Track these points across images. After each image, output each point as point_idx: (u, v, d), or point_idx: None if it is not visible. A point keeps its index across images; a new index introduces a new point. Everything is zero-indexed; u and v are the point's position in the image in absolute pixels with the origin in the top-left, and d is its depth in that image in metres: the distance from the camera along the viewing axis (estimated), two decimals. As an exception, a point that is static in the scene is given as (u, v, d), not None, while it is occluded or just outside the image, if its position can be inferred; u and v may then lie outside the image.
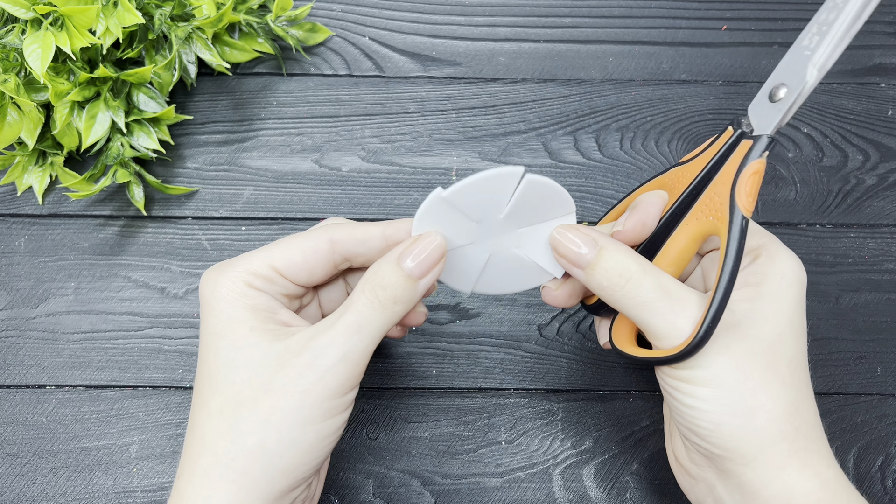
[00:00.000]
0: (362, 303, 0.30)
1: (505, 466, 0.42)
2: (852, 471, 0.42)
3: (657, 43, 0.52)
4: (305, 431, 0.28)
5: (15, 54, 0.42)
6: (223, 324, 0.30)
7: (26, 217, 0.47)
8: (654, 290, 0.30)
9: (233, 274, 0.31)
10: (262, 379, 0.29)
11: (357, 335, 0.29)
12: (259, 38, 0.49)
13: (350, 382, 0.29)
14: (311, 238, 0.32)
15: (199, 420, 0.30)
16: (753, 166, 0.30)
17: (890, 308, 0.45)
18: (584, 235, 0.31)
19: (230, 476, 0.28)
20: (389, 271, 0.30)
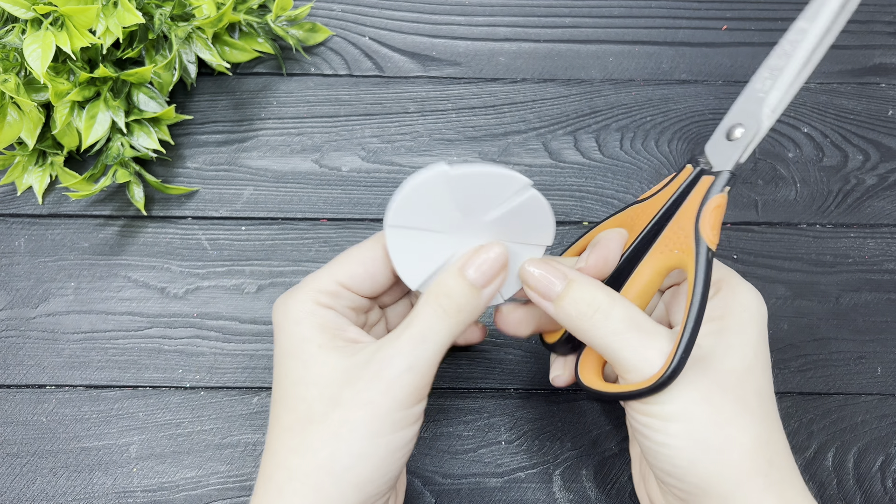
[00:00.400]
0: (427, 313, 0.30)
1: (505, 466, 0.42)
2: (852, 471, 0.42)
3: (657, 43, 0.52)
4: (376, 444, 0.28)
5: (15, 54, 0.42)
6: (293, 343, 0.30)
7: (26, 217, 0.47)
8: (623, 322, 0.30)
9: (301, 295, 0.31)
10: (331, 393, 0.29)
11: (423, 345, 0.29)
12: (259, 38, 0.49)
13: (417, 393, 0.29)
14: (368, 247, 0.33)
15: (272, 438, 0.30)
16: (716, 200, 0.30)
17: (890, 308, 0.45)
18: (554, 269, 0.32)
19: (303, 491, 0.28)
20: (452, 281, 0.31)
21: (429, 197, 0.31)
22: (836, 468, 0.42)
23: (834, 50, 0.51)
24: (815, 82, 0.51)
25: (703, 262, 0.30)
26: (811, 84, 0.51)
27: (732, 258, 0.46)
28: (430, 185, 0.31)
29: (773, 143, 0.49)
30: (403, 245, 0.32)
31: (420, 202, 0.31)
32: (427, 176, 0.30)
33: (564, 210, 0.47)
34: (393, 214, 0.31)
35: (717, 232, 0.30)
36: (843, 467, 0.42)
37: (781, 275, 0.46)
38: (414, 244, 0.32)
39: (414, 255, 0.32)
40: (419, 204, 0.31)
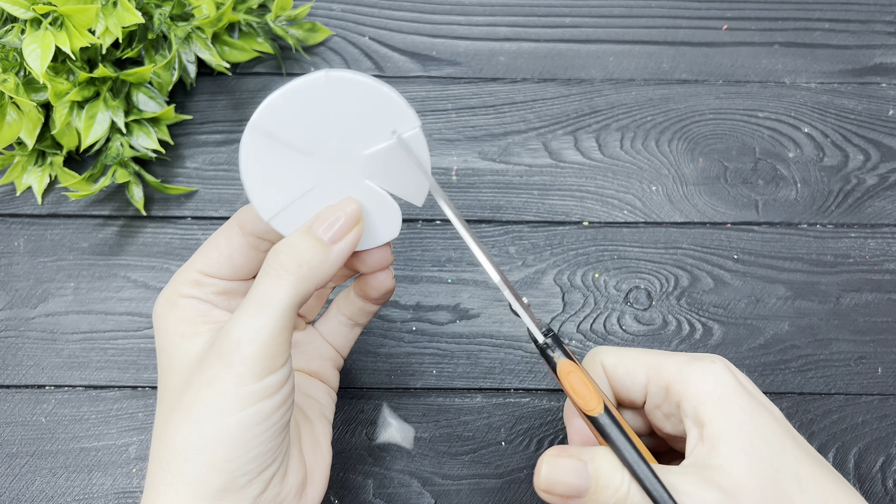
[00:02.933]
0: (265, 276, 0.28)
1: (505, 467, 0.42)
2: (853, 471, 0.42)
3: (657, 42, 0.52)
4: (226, 423, 0.27)
5: (14, 54, 0.41)
6: (161, 339, 0.30)
7: (25, 217, 0.47)
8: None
9: (165, 291, 0.31)
10: (185, 378, 0.29)
11: (261, 312, 0.27)
12: (259, 38, 0.49)
13: (264, 363, 0.27)
14: (222, 230, 0.32)
15: (153, 433, 0.30)
16: (562, 369, 0.30)
17: (891, 308, 0.45)
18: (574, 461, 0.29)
19: (167, 479, 0.28)
20: (297, 237, 0.29)
21: (306, 105, 0.28)
22: (836, 468, 0.42)
23: (834, 50, 0.51)
24: (815, 82, 0.51)
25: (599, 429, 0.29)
26: (812, 84, 0.51)
27: (733, 258, 0.46)
28: (310, 89, 0.27)
29: (774, 143, 0.49)
30: (262, 161, 0.28)
31: (296, 107, 0.28)
32: (310, 77, 0.27)
33: (564, 210, 0.47)
34: (260, 114, 0.28)
35: (588, 394, 0.29)
36: (844, 468, 0.42)
37: (782, 275, 0.46)
38: (274, 164, 0.29)
39: (271, 179, 0.29)
40: (294, 109, 0.28)
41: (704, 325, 0.45)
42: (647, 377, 0.31)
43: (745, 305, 0.45)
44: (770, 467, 0.27)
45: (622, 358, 0.32)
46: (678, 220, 0.47)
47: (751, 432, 0.28)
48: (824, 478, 0.28)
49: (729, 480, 0.27)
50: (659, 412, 0.31)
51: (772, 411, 0.29)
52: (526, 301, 0.30)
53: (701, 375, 0.29)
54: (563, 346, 0.30)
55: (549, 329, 0.30)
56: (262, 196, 0.29)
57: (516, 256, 0.46)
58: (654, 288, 0.45)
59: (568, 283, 0.45)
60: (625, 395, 0.32)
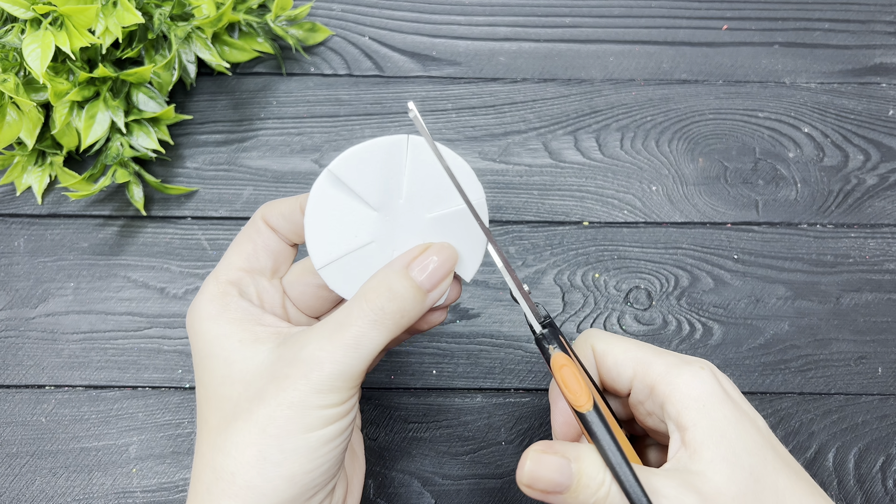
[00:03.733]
0: (363, 317, 0.28)
1: (505, 467, 0.42)
2: (853, 471, 0.42)
3: (657, 42, 0.52)
4: (307, 439, 0.28)
5: (14, 54, 0.41)
6: (212, 343, 0.30)
7: (25, 217, 0.47)
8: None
9: (208, 293, 0.31)
10: (256, 390, 0.28)
11: (355, 351, 0.28)
12: (259, 38, 0.49)
13: (347, 393, 0.28)
14: (249, 225, 0.32)
15: (200, 439, 0.30)
16: (556, 362, 0.30)
17: (891, 308, 0.45)
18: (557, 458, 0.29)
19: (231, 491, 0.28)
20: (398, 282, 0.29)
21: (331, 209, 0.29)
22: (836, 468, 0.42)
23: (834, 50, 0.51)
24: (815, 82, 0.51)
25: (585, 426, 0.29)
26: (812, 84, 0.51)
27: (733, 258, 0.46)
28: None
29: (774, 143, 0.49)
30: (328, 208, 0.29)
31: (371, 163, 0.29)
32: (393, 138, 0.28)
33: (564, 210, 0.47)
34: (339, 161, 0.29)
35: (579, 391, 0.29)
36: (844, 467, 0.42)
37: (782, 275, 0.46)
38: (339, 213, 0.29)
39: (332, 227, 0.30)
40: (369, 164, 0.28)
41: (704, 325, 0.45)
42: (634, 372, 0.31)
43: (745, 305, 0.45)
44: (750, 476, 0.28)
45: (612, 347, 0.32)
46: (678, 220, 0.47)
47: (733, 441, 0.28)
48: (802, 489, 0.28)
49: (709, 487, 0.27)
50: (642, 407, 0.32)
51: (755, 421, 0.30)
52: (527, 288, 0.30)
53: (687, 380, 0.29)
54: (559, 338, 0.30)
55: (548, 319, 0.30)
56: (318, 242, 0.30)
57: (516, 256, 0.46)
58: (654, 288, 0.45)
59: (568, 283, 0.45)
60: (610, 383, 0.32)
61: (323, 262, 0.30)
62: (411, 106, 0.27)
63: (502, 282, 0.45)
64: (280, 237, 0.32)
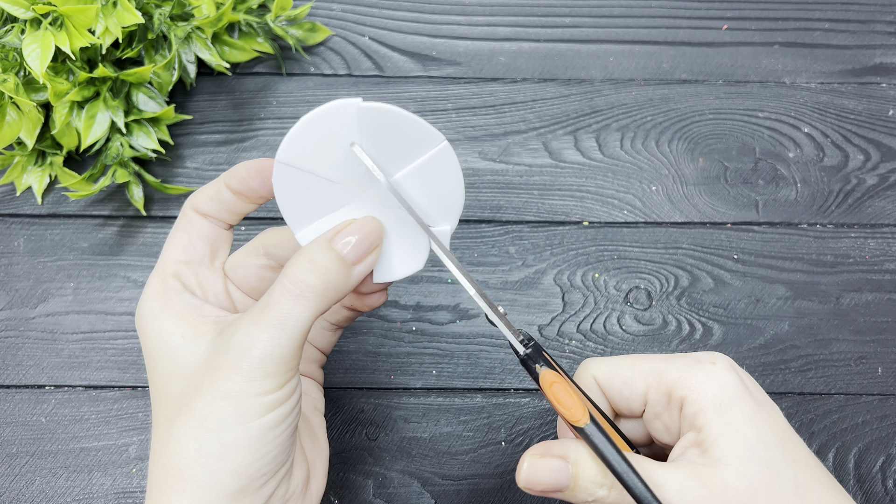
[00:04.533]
0: (285, 295, 0.28)
1: (505, 467, 0.42)
2: (853, 471, 0.42)
3: (657, 42, 0.52)
4: (246, 429, 0.27)
5: (14, 54, 0.41)
6: (157, 342, 0.30)
7: (25, 217, 0.47)
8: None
9: (149, 291, 0.31)
10: (194, 384, 0.28)
11: (282, 332, 0.27)
12: (259, 38, 0.49)
13: (283, 377, 0.28)
14: (180, 217, 0.32)
15: (152, 437, 0.30)
16: (545, 380, 0.29)
17: (891, 308, 0.45)
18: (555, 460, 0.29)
19: (179, 486, 0.27)
20: (319, 253, 0.28)
21: (332, 135, 0.28)
22: (836, 468, 0.42)
23: (834, 50, 0.51)
24: (815, 82, 0.51)
25: (587, 442, 0.28)
26: (812, 84, 0.51)
27: (733, 258, 0.46)
28: (336, 118, 0.28)
29: (774, 143, 0.49)
30: (292, 187, 0.29)
31: (320, 138, 0.28)
32: (335, 105, 0.27)
33: (564, 210, 0.47)
34: (284, 147, 0.28)
35: (573, 406, 0.28)
36: (844, 467, 0.42)
37: (782, 275, 0.46)
38: (303, 189, 0.29)
39: (302, 200, 0.29)
40: (319, 140, 0.28)
41: (704, 325, 0.45)
42: (647, 385, 0.30)
43: (745, 305, 0.45)
44: (766, 470, 0.27)
45: (617, 368, 0.31)
46: (678, 220, 0.47)
47: (749, 436, 0.28)
48: (822, 483, 0.28)
49: (716, 480, 0.27)
50: (659, 423, 0.31)
51: (773, 414, 0.29)
52: (502, 310, 0.30)
53: (703, 380, 0.29)
54: (544, 356, 0.30)
55: (529, 338, 0.30)
56: (292, 213, 0.30)
57: (516, 256, 0.46)
58: (654, 288, 0.45)
59: (568, 283, 0.45)
60: (623, 406, 0.31)
61: (300, 227, 0.30)
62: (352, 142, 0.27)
63: (502, 282, 0.45)
64: (214, 222, 0.32)
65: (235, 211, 0.32)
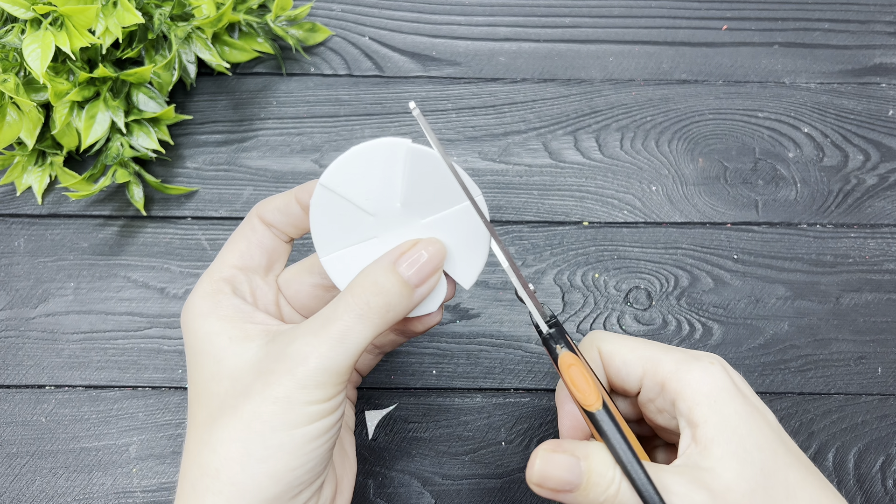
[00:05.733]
0: (349, 311, 0.28)
1: (505, 467, 0.42)
2: (853, 471, 0.42)
3: (657, 43, 0.52)
4: (291, 435, 0.27)
5: (14, 54, 0.42)
6: (202, 341, 0.30)
7: (26, 217, 0.47)
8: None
9: (201, 290, 0.31)
10: (243, 386, 0.28)
11: (341, 346, 0.28)
12: (259, 38, 0.49)
13: (334, 389, 0.28)
14: (244, 223, 0.32)
15: (188, 436, 0.30)
16: (563, 362, 0.30)
17: (891, 308, 0.45)
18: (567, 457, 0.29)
19: (216, 487, 0.27)
20: (384, 276, 0.29)
21: (376, 167, 0.29)
22: (836, 468, 0.42)
23: (834, 50, 0.51)
24: (815, 82, 0.51)
25: (595, 425, 0.29)
26: (811, 84, 0.51)
27: (733, 258, 0.46)
28: (384, 154, 0.29)
29: (774, 143, 0.49)
30: (328, 210, 0.30)
31: (364, 169, 0.29)
32: (386, 141, 0.29)
33: (564, 210, 0.47)
34: (330, 172, 0.29)
35: (588, 389, 0.29)
36: (844, 467, 0.42)
37: (782, 275, 0.46)
38: (338, 214, 0.30)
39: (335, 226, 0.30)
40: (363, 171, 0.29)
41: (704, 325, 0.45)
42: (644, 371, 0.31)
43: (744, 305, 0.45)
44: (760, 472, 0.28)
45: (620, 347, 0.32)
46: (678, 220, 0.47)
47: (744, 436, 0.28)
48: (812, 484, 0.28)
49: (719, 483, 0.27)
50: (652, 405, 0.31)
51: (766, 415, 0.29)
52: (532, 288, 0.30)
53: (698, 376, 0.29)
54: (566, 338, 0.30)
55: (554, 319, 0.30)
56: (322, 236, 0.31)
57: (516, 256, 0.46)
58: (654, 288, 0.45)
59: (568, 283, 0.46)
60: (619, 384, 0.32)
61: (326, 252, 0.31)
62: (413, 105, 0.27)
63: (502, 281, 0.45)
64: (276, 233, 0.32)
65: (300, 226, 0.32)
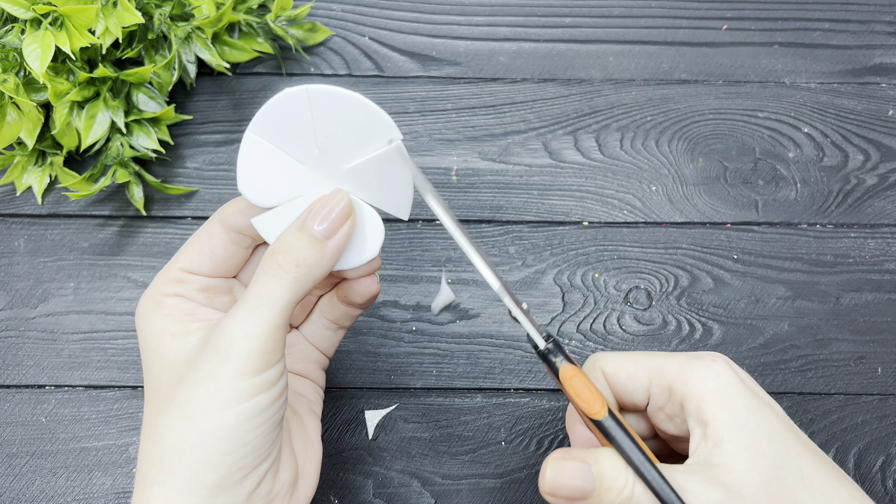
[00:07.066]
0: (262, 276, 0.28)
1: (505, 467, 0.42)
2: (853, 471, 0.42)
3: (657, 43, 0.52)
4: (223, 417, 0.27)
5: (14, 54, 0.41)
6: (149, 339, 0.30)
7: (26, 217, 0.47)
8: None
9: (149, 292, 0.31)
10: (179, 375, 0.28)
11: (260, 308, 0.28)
12: (259, 38, 0.49)
13: (262, 359, 0.27)
14: (204, 227, 0.32)
15: (141, 433, 0.30)
16: (565, 374, 0.30)
17: (891, 308, 0.45)
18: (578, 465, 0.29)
19: (160, 478, 0.27)
20: (290, 234, 0.29)
21: (293, 116, 0.29)
22: (836, 468, 0.42)
23: (834, 50, 0.51)
24: (815, 82, 0.51)
25: (605, 434, 0.29)
26: (812, 84, 0.51)
27: (733, 258, 0.46)
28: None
29: (774, 143, 0.49)
30: (258, 160, 0.30)
31: (284, 118, 0.29)
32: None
33: (564, 210, 0.47)
34: (255, 121, 0.29)
35: (591, 399, 0.29)
36: (844, 467, 0.42)
37: (782, 275, 0.46)
38: (269, 163, 0.30)
39: (265, 176, 0.30)
40: (283, 120, 0.29)
41: (704, 325, 0.45)
42: (650, 380, 0.31)
43: (744, 305, 0.45)
44: (773, 463, 0.27)
45: (623, 363, 0.32)
46: (678, 220, 0.47)
47: (753, 430, 0.28)
48: (826, 472, 0.28)
49: (733, 478, 0.27)
50: (662, 414, 0.31)
51: (773, 408, 0.29)
52: (525, 306, 0.30)
53: (703, 374, 0.29)
54: (564, 351, 0.30)
55: (549, 335, 0.30)
56: (253, 189, 0.30)
57: (516, 256, 0.46)
58: (654, 288, 0.45)
59: (568, 283, 0.46)
60: (627, 400, 0.32)
61: (255, 213, 0.31)
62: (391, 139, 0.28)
63: (502, 282, 0.45)
64: (235, 239, 0.32)
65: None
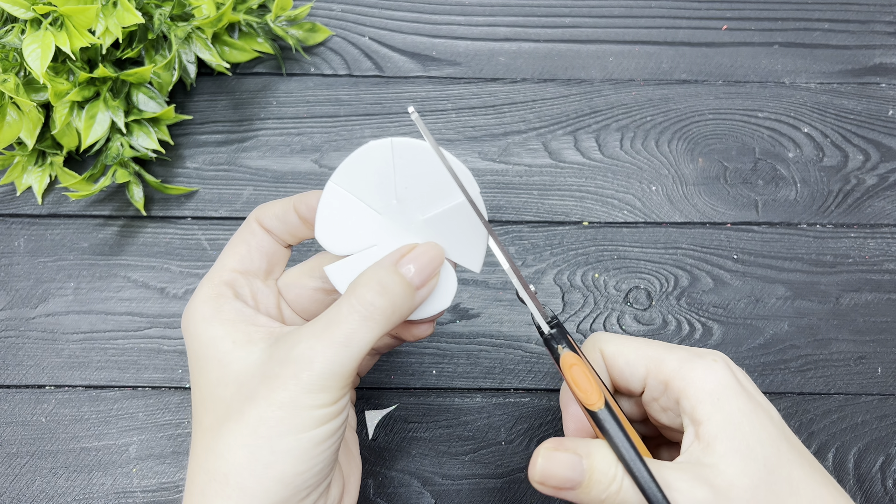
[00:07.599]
0: (353, 314, 0.28)
1: (505, 467, 0.42)
2: (853, 471, 0.42)
3: (657, 43, 0.52)
4: (298, 439, 0.28)
5: (14, 54, 0.41)
6: (206, 345, 0.30)
7: (26, 217, 0.47)
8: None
9: (202, 295, 0.31)
10: (248, 391, 0.28)
11: (345, 349, 0.28)
12: (259, 38, 0.49)
13: (338, 393, 0.28)
14: (244, 228, 0.32)
15: (194, 441, 0.30)
16: (565, 361, 0.30)
17: (890, 308, 0.45)
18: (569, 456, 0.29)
19: (224, 493, 0.27)
20: (387, 276, 0.29)
21: (376, 167, 0.30)
22: (836, 468, 0.42)
23: (834, 50, 0.51)
24: (815, 82, 0.51)
25: (598, 425, 0.29)
26: (811, 84, 0.51)
27: (733, 258, 0.46)
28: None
29: (774, 143, 0.49)
30: (337, 209, 0.30)
31: (366, 169, 0.30)
32: (379, 142, 0.30)
33: (564, 210, 0.47)
34: (339, 171, 0.30)
35: (590, 388, 0.29)
36: (844, 467, 0.42)
37: (781, 275, 0.46)
38: (347, 213, 0.30)
39: (343, 225, 0.31)
40: (366, 171, 0.30)
41: (704, 325, 0.45)
42: (647, 370, 0.31)
43: (744, 305, 0.45)
44: (763, 468, 0.28)
45: (623, 348, 0.32)
46: (678, 220, 0.47)
47: (747, 433, 0.28)
48: (816, 481, 0.28)
49: (722, 479, 0.27)
50: (656, 404, 0.32)
51: (769, 412, 0.29)
52: (533, 289, 0.30)
53: (701, 374, 0.29)
54: (567, 338, 0.30)
55: (555, 319, 0.30)
56: (328, 243, 0.31)
57: (516, 256, 0.46)
58: (654, 288, 0.45)
59: (568, 283, 0.46)
60: (622, 384, 0.32)
61: (329, 261, 0.31)
62: (412, 110, 0.27)
63: (503, 282, 0.45)
64: (274, 238, 0.33)
65: (297, 235, 0.32)
